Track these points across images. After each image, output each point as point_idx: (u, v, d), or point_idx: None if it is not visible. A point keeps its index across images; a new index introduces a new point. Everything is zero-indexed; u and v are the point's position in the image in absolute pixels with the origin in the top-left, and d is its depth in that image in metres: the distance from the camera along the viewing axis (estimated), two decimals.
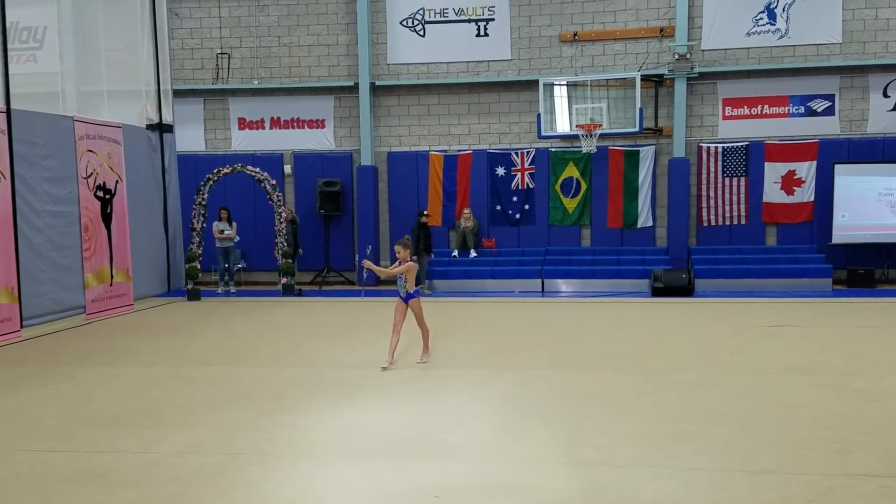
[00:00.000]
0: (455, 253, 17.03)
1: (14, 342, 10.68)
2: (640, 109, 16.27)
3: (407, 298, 8.93)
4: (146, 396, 7.65)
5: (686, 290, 15.15)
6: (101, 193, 13.13)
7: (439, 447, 5.98)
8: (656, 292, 15.20)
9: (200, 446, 6.04)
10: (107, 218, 13.26)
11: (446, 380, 8.18)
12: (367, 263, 8.92)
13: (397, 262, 8.89)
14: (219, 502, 4.95)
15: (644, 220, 17.19)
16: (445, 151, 17.64)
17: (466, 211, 17.17)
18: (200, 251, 15.50)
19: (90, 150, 12.86)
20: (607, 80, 16.63)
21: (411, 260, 8.97)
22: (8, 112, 11.02)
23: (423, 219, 16.17)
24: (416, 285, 9.22)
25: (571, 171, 17.26)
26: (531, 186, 17.39)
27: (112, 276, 13.34)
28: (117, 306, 13.38)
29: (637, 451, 5.85)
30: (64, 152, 12.29)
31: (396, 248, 8.91)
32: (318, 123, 17.98)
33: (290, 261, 15.78)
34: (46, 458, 5.81)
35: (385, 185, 17.86)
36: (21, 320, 11.14)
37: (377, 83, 17.57)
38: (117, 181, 13.57)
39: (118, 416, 6.89)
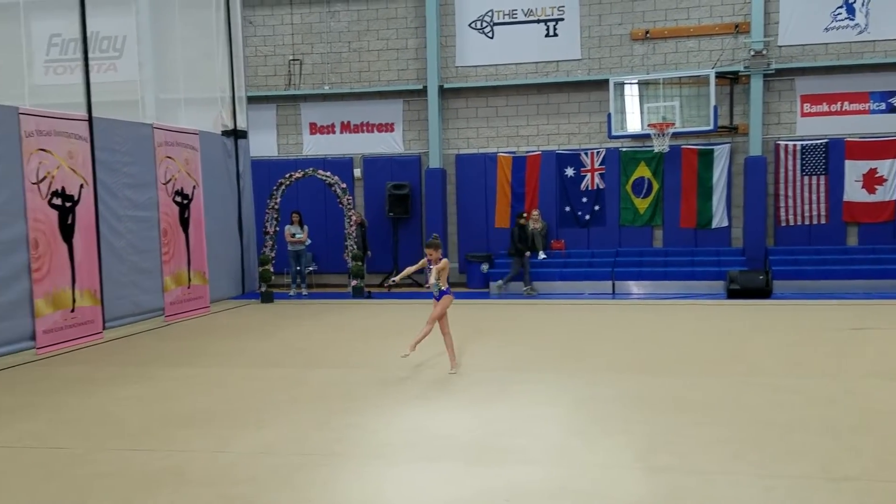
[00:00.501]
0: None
1: (97, 343, 11.04)
2: (715, 107, 15.92)
3: (439, 296, 8.69)
4: (221, 397, 7.80)
5: (763, 293, 14.74)
6: (179, 199, 13.48)
7: (510, 450, 5.94)
8: (732, 294, 14.84)
9: (273, 447, 6.12)
10: (184, 223, 13.59)
11: (516, 383, 8.12)
12: (398, 278, 9.01)
13: (430, 264, 8.67)
14: (292, 502, 5.00)
15: (719, 220, 16.81)
16: (514, 153, 17.56)
17: (535, 212, 17.06)
18: (273, 254, 15.76)
19: (169, 157, 13.21)
20: (680, 77, 16.32)
21: (446, 263, 8.79)
22: (90, 120, 11.39)
23: (522, 220, 16.06)
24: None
25: (643, 171, 16.99)
26: (601, 187, 17.18)
27: (189, 279, 13.67)
28: (194, 308, 13.71)
29: (715, 457, 5.70)
30: (144, 159, 12.65)
31: (427, 250, 8.67)
32: (388, 127, 18.11)
33: (360, 263, 15.93)
34: (127, 456, 5.97)
35: (453, 187, 17.89)
36: (103, 322, 11.50)
37: (445, 86, 17.60)
38: (194, 187, 13.91)
39: (194, 416, 7.04)
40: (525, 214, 16.45)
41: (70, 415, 7.22)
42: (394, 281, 9.23)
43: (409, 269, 8.97)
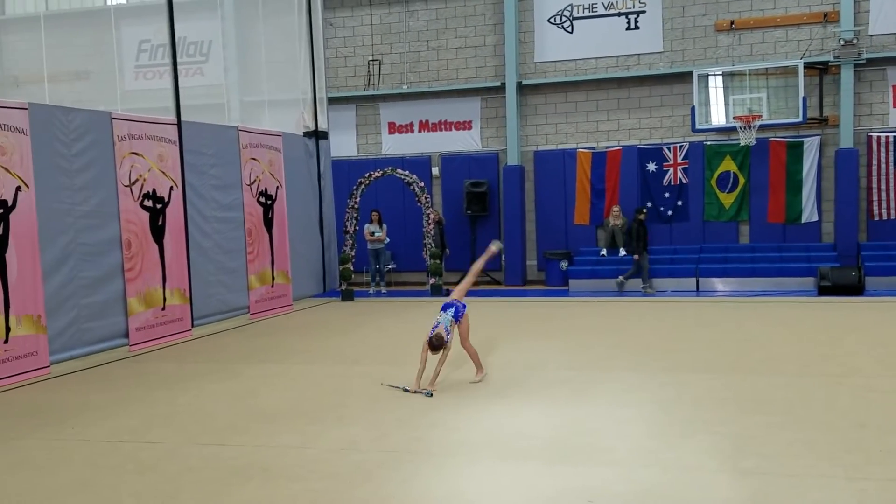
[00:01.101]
0: (603, 252, 16.73)
1: (186, 341, 11.38)
2: (804, 99, 15.40)
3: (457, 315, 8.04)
4: (305, 394, 7.94)
5: (856, 289, 14.20)
6: (263, 199, 13.78)
7: (592, 450, 5.87)
8: (823, 291, 14.34)
9: (356, 443, 6.20)
10: (268, 223, 13.89)
11: (598, 382, 8.02)
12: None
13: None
14: (375, 499, 5.06)
15: (808, 214, 16.27)
16: (593, 149, 17.36)
17: (615, 209, 16.82)
18: (353, 253, 15.98)
19: (253, 158, 13.52)
20: (767, 69, 15.85)
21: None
22: (179, 124, 11.75)
23: (641, 216, 15.76)
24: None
25: (728, 165, 16.57)
26: (684, 182, 16.83)
27: (273, 278, 13.97)
28: (278, 307, 14.00)
29: (806, 459, 5.52)
30: (229, 161, 12.98)
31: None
32: (465, 125, 18.14)
33: (438, 261, 16.00)
34: (216, 451, 6.14)
35: (531, 184, 17.79)
36: (192, 320, 11.85)
37: (524, 82, 17.52)
38: (278, 187, 14.20)
39: (279, 413, 7.19)
40: (644, 210, 16.01)
41: (162, 410, 7.46)
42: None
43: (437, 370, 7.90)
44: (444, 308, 8.13)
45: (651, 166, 16.96)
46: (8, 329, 8.78)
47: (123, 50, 14.51)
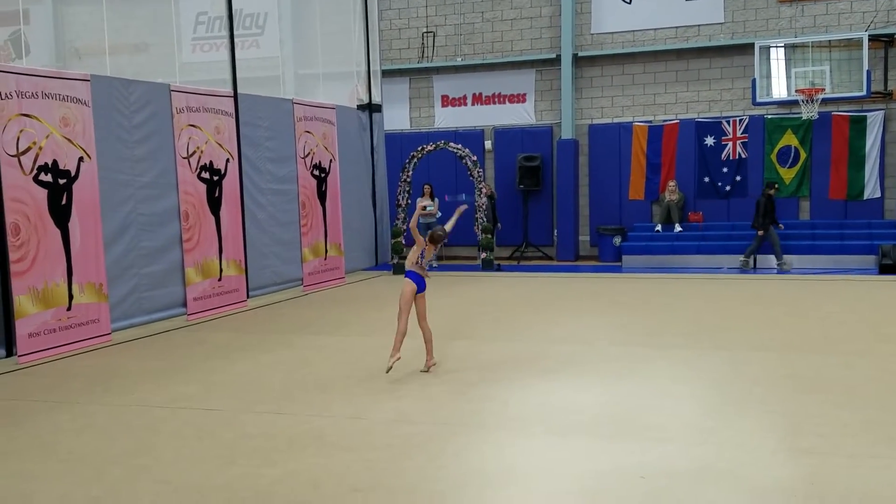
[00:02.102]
0: (658, 227, 16.50)
1: (242, 311, 11.58)
2: (868, 72, 14.91)
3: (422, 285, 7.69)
4: (357, 365, 8.02)
5: None
6: (317, 172, 13.89)
7: (644, 427, 5.83)
8: (884, 269, 13.95)
9: (408, 415, 6.25)
10: (322, 195, 14.00)
11: (650, 359, 7.95)
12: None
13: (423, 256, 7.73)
14: (428, 470, 5.10)
15: (871, 190, 15.82)
16: (650, 122, 17.07)
17: (671, 183, 16.56)
18: (405, 227, 16.02)
19: (307, 132, 13.61)
20: (830, 41, 15.37)
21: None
22: (235, 96, 11.88)
23: (771, 191, 15.14)
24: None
25: (789, 139, 16.16)
26: (743, 156, 16.47)
27: (326, 251, 14.10)
28: (330, 279, 14.14)
29: (866, 439, 5.40)
30: (284, 133, 13.09)
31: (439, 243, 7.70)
32: (519, 98, 17.98)
33: (490, 236, 15.96)
34: (272, 419, 6.25)
35: (585, 158, 17.59)
36: (247, 291, 12.04)
37: (580, 54, 17.27)
38: (331, 160, 14.29)
39: (333, 383, 7.28)
40: (775, 184, 15.40)
41: (219, 378, 7.61)
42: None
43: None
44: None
45: (709, 140, 16.63)
46: (71, 297, 9.03)
47: (182, 22, 14.65)
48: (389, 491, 4.79)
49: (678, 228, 16.27)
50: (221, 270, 11.47)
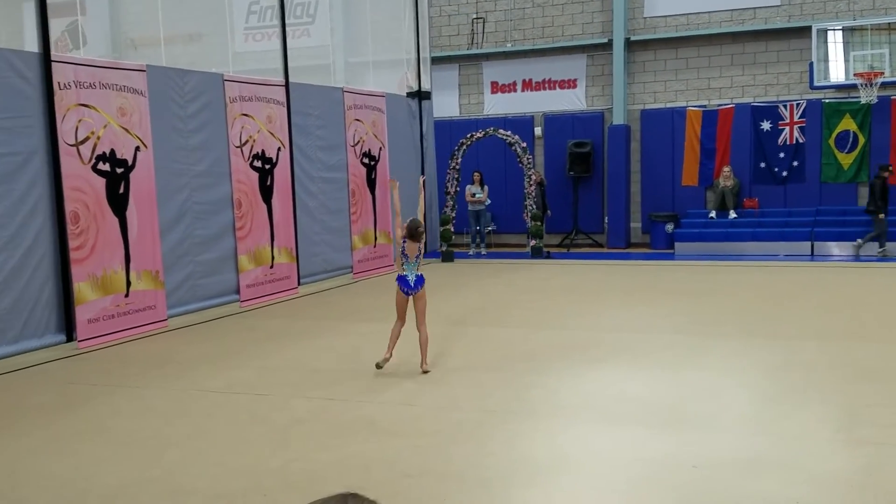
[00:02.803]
0: (712, 214, 16.24)
1: (293, 298, 11.72)
2: None
3: (417, 284, 7.27)
4: (406, 352, 8.04)
5: None
6: (366, 160, 13.95)
7: (696, 416, 5.76)
8: None
9: (457, 402, 6.27)
10: (371, 183, 14.07)
11: (703, 348, 7.84)
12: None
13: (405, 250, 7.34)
14: (478, 456, 5.12)
15: None
16: (704, 107, 16.78)
17: (726, 169, 16.28)
18: (454, 214, 16.02)
19: (357, 119, 13.68)
20: (889, 24, 14.90)
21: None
22: (287, 85, 11.99)
23: (885, 173, 14.39)
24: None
25: (848, 124, 15.74)
26: (800, 141, 16.10)
27: (375, 239, 14.18)
28: (379, 267, 14.22)
29: None
30: (334, 122, 13.17)
31: (420, 239, 7.31)
32: (570, 83, 17.81)
33: (539, 223, 15.88)
34: (323, 405, 6.33)
35: (637, 144, 17.37)
36: (298, 278, 12.18)
37: (632, 38, 17.03)
38: (380, 148, 14.34)
39: (383, 370, 7.32)
40: (890, 167, 14.56)
41: (272, 364, 7.72)
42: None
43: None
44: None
45: (765, 125, 16.29)
46: (129, 283, 9.24)
47: (234, 12, 14.82)
48: (439, 476, 4.82)
49: (733, 215, 15.99)
50: (273, 258, 11.61)
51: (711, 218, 16.21)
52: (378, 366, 7.09)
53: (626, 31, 16.98)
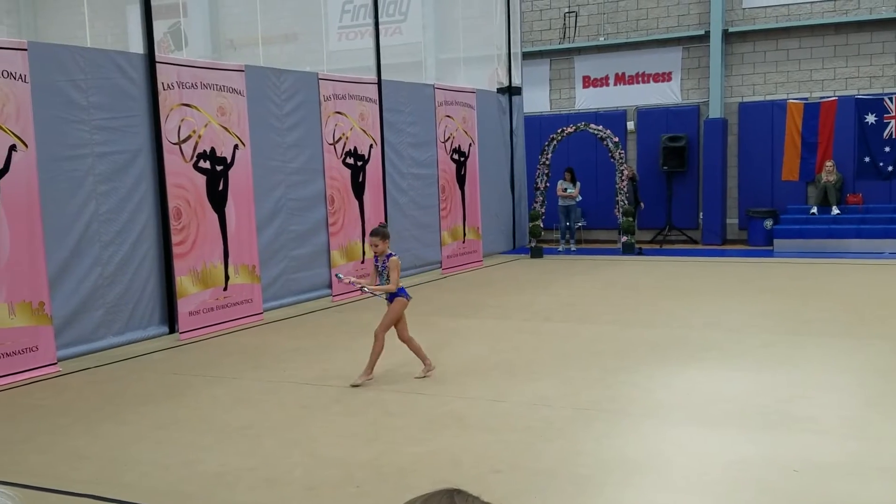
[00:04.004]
0: (814, 210, 15.65)
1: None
2: None
3: (391, 298, 6.92)
4: (496, 348, 8.07)
5: None
6: (456, 156, 14.01)
7: (797, 418, 5.56)
8: None
9: (547, 399, 6.23)
10: (461, 179, 14.12)
11: (803, 347, 7.57)
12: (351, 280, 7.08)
13: (377, 261, 6.90)
14: (569, 454, 5.08)
15: None
16: (806, 99, 16.17)
17: (829, 164, 15.66)
18: (543, 210, 15.91)
19: (448, 116, 13.74)
20: None
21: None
22: (379, 83, 12.14)
23: None
24: None
25: None
26: None
27: (465, 234, 14.22)
28: (468, 262, 14.26)
29: None
30: (425, 118, 13.27)
31: (373, 239, 6.82)
32: (664, 77, 17.45)
33: (631, 219, 15.62)
34: (413, 399, 6.39)
35: (734, 138, 16.88)
36: None
37: (730, 29, 16.55)
38: (470, 144, 14.37)
39: (472, 365, 7.35)
40: None
41: (364, 357, 7.81)
42: (347, 280, 7.11)
43: (384, 287, 6.91)
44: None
45: (870, 118, 15.58)
46: (227, 277, 9.53)
47: (329, 11, 15.10)
48: (530, 473, 4.80)
49: (835, 211, 15.38)
50: (364, 253, 11.79)
51: (813, 214, 15.62)
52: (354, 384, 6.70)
53: (724, 23, 16.51)
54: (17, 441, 5.67)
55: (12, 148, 7.33)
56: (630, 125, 17.69)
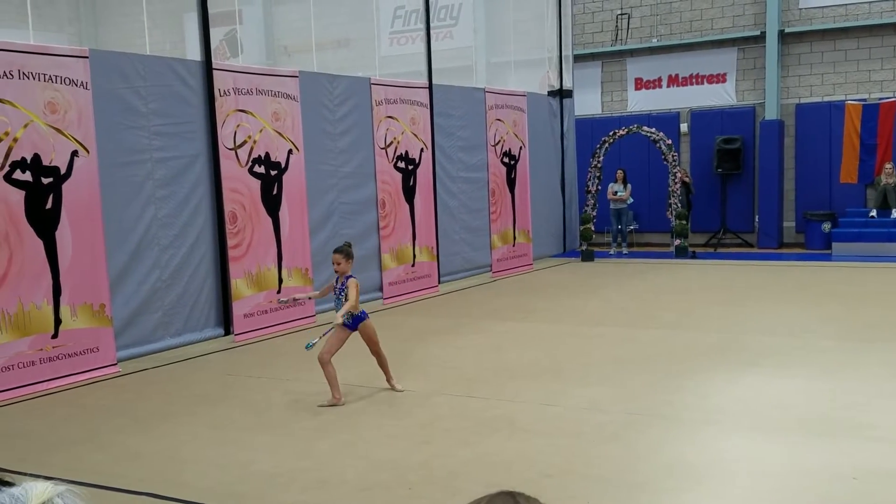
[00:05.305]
0: (873, 213, 15.27)
1: (433, 296, 11.90)
2: None
3: (354, 323, 6.57)
4: (548, 352, 8.03)
5: None
6: (506, 160, 13.99)
7: (857, 426, 5.44)
8: None
9: (600, 403, 6.19)
10: (511, 183, 14.10)
11: (862, 353, 7.39)
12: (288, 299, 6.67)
13: (336, 282, 6.61)
14: (623, 459, 5.03)
15: None
16: (864, 100, 15.79)
17: (888, 166, 15.25)
18: (594, 213, 15.80)
19: (498, 119, 13.74)
20: None
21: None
22: (430, 87, 12.19)
23: None
24: None
25: None
26: None
27: (514, 238, 14.20)
28: (518, 266, 14.22)
29: None
30: (475, 122, 13.28)
31: (336, 257, 6.56)
32: (719, 78, 17.19)
33: (684, 222, 15.41)
34: (464, 402, 6.40)
35: (791, 139, 16.55)
36: (439, 277, 12.37)
37: (787, 30, 16.25)
38: (521, 147, 14.34)
39: (523, 369, 7.34)
40: None
41: (414, 360, 7.88)
42: (283, 301, 7.11)
43: (313, 294, 6.97)
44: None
45: None
46: (280, 281, 9.66)
47: (381, 17, 15.22)
48: (582, 478, 4.78)
49: (895, 214, 14.98)
50: (415, 256, 11.84)
51: (872, 217, 15.24)
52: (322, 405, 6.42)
53: (780, 23, 16.21)
54: (78, 440, 5.82)
55: (74, 154, 7.54)
56: (683, 127, 17.47)
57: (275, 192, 9.62)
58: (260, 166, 9.42)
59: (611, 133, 15.77)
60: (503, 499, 1.33)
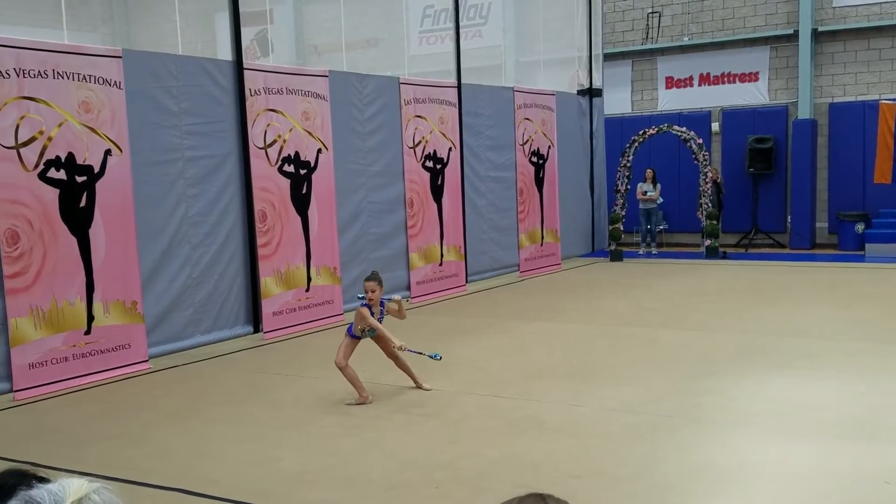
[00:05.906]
0: None
1: (460, 296, 11.90)
2: None
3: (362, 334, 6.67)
4: (576, 352, 8.00)
5: None
6: (535, 159, 13.95)
7: (889, 428, 5.36)
8: None
9: (628, 404, 6.15)
10: (539, 182, 14.05)
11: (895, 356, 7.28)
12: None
13: (371, 312, 6.64)
14: (651, 461, 5.00)
15: None
16: None
17: None
18: (623, 213, 15.70)
19: (527, 118, 13.70)
20: None
21: None
22: (459, 86, 12.19)
23: None
24: None
25: None
26: None
27: (542, 237, 14.15)
28: (546, 265, 14.18)
29: None
30: (504, 121, 13.26)
31: (370, 284, 6.62)
32: (751, 77, 17.01)
33: (715, 222, 15.27)
34: (491, 402, 6.39)
35: (824, 139, 16.33)
36: (466, 276, 12.36)
37: (820, 28, 16.03)
38: (549, 147, 14.29)
39: (551, 369, 7.31)
40: None
41: (442, 359, 7.87)
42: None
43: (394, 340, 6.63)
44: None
45: None
46: (309, 279, 9.72)
47: (410, 16, 15.24)
48: (610, 479, 4.75)
49: None
50: (442, 256, 11.85)
51: None
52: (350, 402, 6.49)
53: (814, 22, 16.00)
54: (109, 436, 5.90)
55: (107, 152, 7.64)
56: (714, 126, 17.31)
57: (304, 191, 9.67)
58: (289, 165, 9.48)
59: (641, 132, 15.67)
60: (533, 500, 1.33)
